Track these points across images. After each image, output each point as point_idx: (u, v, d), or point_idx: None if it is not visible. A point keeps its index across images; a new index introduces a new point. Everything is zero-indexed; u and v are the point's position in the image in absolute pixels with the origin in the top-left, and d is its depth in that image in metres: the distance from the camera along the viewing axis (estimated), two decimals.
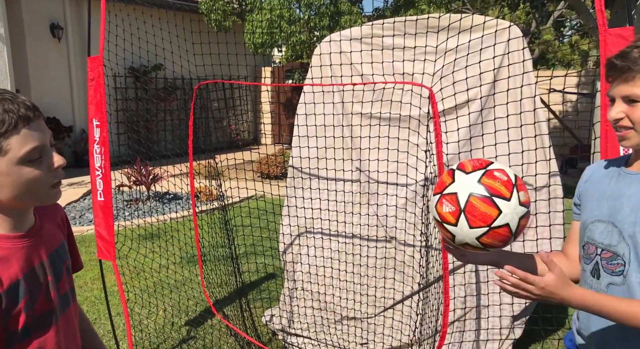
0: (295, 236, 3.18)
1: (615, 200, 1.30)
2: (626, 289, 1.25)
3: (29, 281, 1.05)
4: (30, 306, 1.05)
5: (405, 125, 2.77)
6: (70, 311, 1.19)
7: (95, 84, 2.67)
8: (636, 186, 1.27)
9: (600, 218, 1.32)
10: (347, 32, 3.03)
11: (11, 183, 1.01)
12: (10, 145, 0.99)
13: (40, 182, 1.04)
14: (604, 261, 1.31)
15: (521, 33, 2.75)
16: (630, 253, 1.24)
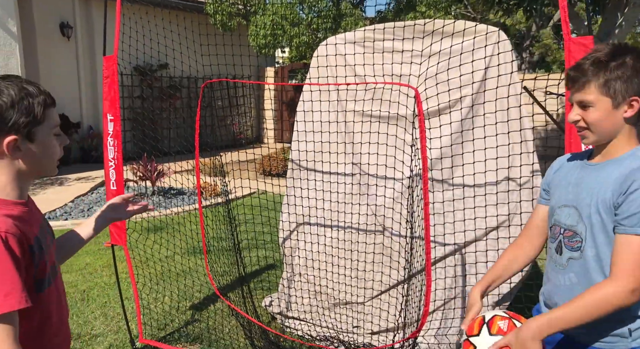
0: (294, 226, 3.38)
1: (577, 187, 1.50)
2: (583, 262, 1.46)
3: (42, 238, 1.26)
4: (44, 259, 1.24)
5: (396, 122, 2.97)
6: (60, 270, 1.40)
7: (109, 81, 2.89)
8: (594, 175, 1.46)
9: (566, 203, 1.52)
10: (345, 35, 3.23)
11: (44, 152, 1.23)
12: (49, 115, 1.23)
13: (56, 155, 1.28)
14: (565, 239, 1.51)
15: (510, 46, 2.92)
16: (586, 231, 1.45)
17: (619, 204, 1.36)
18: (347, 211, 3.22)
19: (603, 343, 1.44)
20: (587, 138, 1.45)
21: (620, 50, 1.40)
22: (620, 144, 1.43)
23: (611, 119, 1.40)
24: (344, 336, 3.11)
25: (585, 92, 1.40)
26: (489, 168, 2.80)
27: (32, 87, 1.22)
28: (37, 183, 7.70)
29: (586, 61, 1.40)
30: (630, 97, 1.38)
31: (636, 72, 1.37)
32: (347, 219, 3.22)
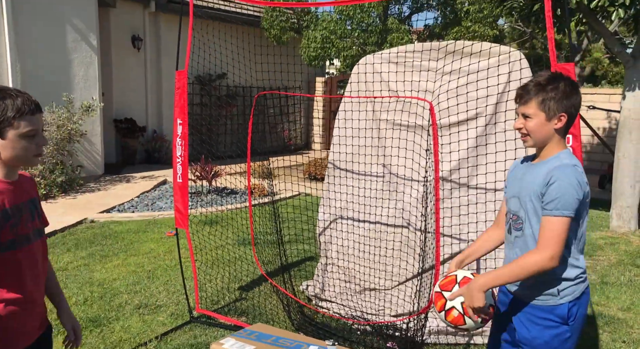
0: (330, 220, 3.86)
1: (520, 181, 1.94)
2: (524, 238, 1.90)
3: (14, 211, 1.59)
4: (15, 227, 1.58)
5: (420, 132, 3.39)
6: (43, 241, 1.74)
7: (180, 92, 3.48)
8: (531, 172, 1.90)
9: (513, 194, 1.96)
10: (380, 54, 3.69)
11: (12, 148, 1.56)
12: (20, 124, 1.54)
13: (28, 150, 1.59)
14: (513, 222, 1.96)
15: (527, 64, 3.28)
16: (525, 215, 1.88)
17: (543, 194, 1.78)
18: (377, 207, 3.66)
19: (539, 300, 1.88)
20: (527, 142, 1.88)
21: (557, 77, 1.84)
22: (551, 149, 1.86)
23: (545, 129, 1.83)
24: (370, 316, 3.54)
25: (528, 106, 1.83)
26: (506, 169, 3.15)
27: (10, 98, 1.53)
28: (107, 180, 8.57)
29: (531, 83, 1.84)
30: (559, 113, 1.80)
31: (566, 95, 1.80)
32: (377, 214, 3.66)
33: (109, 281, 4.27)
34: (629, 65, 6.09)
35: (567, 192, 1.73)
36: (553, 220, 1.75)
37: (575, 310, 1.86)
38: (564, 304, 1.84)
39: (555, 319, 1.85)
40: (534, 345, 1.89)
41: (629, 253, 5.44)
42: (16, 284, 1.59)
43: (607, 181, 8.55)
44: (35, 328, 1.70)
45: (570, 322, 1.85)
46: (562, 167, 1.77)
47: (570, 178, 1.74)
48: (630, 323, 3.72)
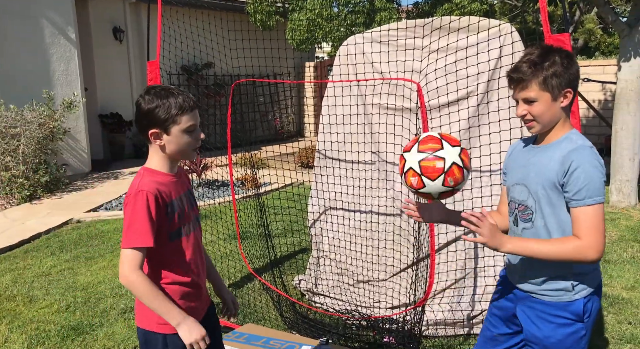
0: (321, 211, 3.69)
1: (525, 167, 1.75)
2: (534, 231, 1.72)
3: (179, 202, 1.75)
4: (181, 216, 1.74)
5: (409, 115, 3.21)
6: (199, 230, 1.89)
7: (153, 84, 3.28)
8: (538, 157, 1.72)
9: (517, 182, 1.77)
10: (368, 34, 3.48)
11: (176, 143, 1.70)
12: (182, 120, 1.68)
13: (189, 144, 1.73)
14: (519, 213, 1.77)
15: (518, 36, 3.09)
16: (535, 204, 1.70)
17: (565, 183, 1.60)
18: (368, 196, 3.49)
19: (551, 296, 1.72)
20: (534, 127, 1.70)
21: (549, 50, 1.65)
22: (558, 130, 1.69)
23: (552, 110, 1.65)
24: (365, 310, 3.39)
25: (528, 90, 1.64)
26: (502, 151, 2.98)
27: (173, 97, 1.67)
28: (95, 177, 8.37)
29: (523, 64, 1.64)
30: (564, 89, 1.63)
31: (565, 68, 1.62)
32: (369, 203, 3.49)
33: (93, 284, 4.11)
34: (624, 34, 5.89)
35: (594, 176, 1.57)
36: (587, 210, 1.58)
37: (591, 305, 1.71)
38: (579, 300, 1.69)
39: (570, 317, 1.70)
40: (546, 344, 1.73)
41: (630, 228, 5.30)
42: (186, 268, 1.77)
43: (605, 154, 8.41)
44: (202, 306, 1.89)
45: (585, 319, 1.70)
46: (579, 149, 1.61)
47: (592, 160, 1.58)
48: (636, 302, 3.59)
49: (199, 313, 1.85)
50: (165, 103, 1.65)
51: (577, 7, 11.23)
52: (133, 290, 1.61)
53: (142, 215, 1.60)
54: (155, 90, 1.69)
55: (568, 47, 2.05)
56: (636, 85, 5.93)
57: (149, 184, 1.65)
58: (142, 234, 1.60)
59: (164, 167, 1.74)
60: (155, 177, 1.70)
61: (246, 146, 3.98)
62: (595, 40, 12.44)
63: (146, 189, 1.62)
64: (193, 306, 1.81)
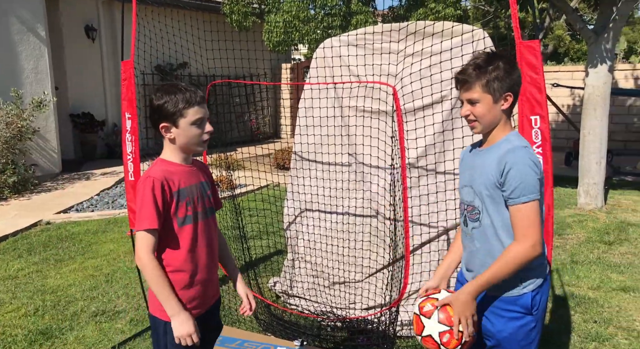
0: (297, 212, 3.69)
1: (471, 169, 1.85)
2: (482, 229, 1.82)
3: (188, 190, 1.84)
4: (190, 204, 1.84)
5: (384, 118, 3.24)
6: (214, 218, 1.98)
7: (127, 84, 3.23)
8: (482, 159, 1.81)
9: (465, 184, 1.87)
10: (344, 37, 3.50)
11: (185, 135, 1.81)
12: (189, 113, 1.79)
13: (198, 136, 1.83)
14: (468, 213, 1.86)
15: (491, 42, 3.16)
16: (481, 204, 1.80)
17: (502, 182, 1.70)
18: (345, 198, 3.51)
19: (501, 291, 1.79)
20: (476, 128, 1.80)
21: (494, 56, 1.75)
22: (498, 132, 1.79)
23: (493, 112, 1.75)
24: (340, 311, 3.41)
25: (472, 91, 1.74)
26: None
27: (180, 92, 1.78)
28: (65, 178, 8.18)
29: (469, 67, 1.74)
30: (505, 92, 1.73)
31: (508, 73, 1.72)
32: (345, 205, 3.51)
33: (63, 287, 4.02)
34: (591, 41, 6.07)
35: (528, 174, 1.67)
36: (523, 207, 1.68)
37: (539, 299, 1.80)
38: (527, 294, 1.78)
39: (519, 310, 1.78)
40: (499, 338, 1.82)
41: (597, 230, 5.47)
42: (195, 256, 1.84)
43: (573, 158, 8.64)
44: (210, 296, 1.95)
45: (534, 312, 1.79)
46: (514, 150, 1.70)
47: (526, 160, 1.68)
48: (601, 302, 3.71)
49: (201, 306, 1.89)
50: (173, 98, 1.77)
51: (547, 14, 11.53)
52: (143, 271, 1.74)
53: (148, 199, 1.72)
54: (164, 87, 1.82)
55: (538, 53, 2.11)
56: (603, 90, 6.12)
57: (156, 171, 1.78)
58: (148, 217, 1.72)
59: (177, 158, 1.86)
60: (166, 166, 1.83)
61: (222, 147, 3.96)
62: (564, 47, 12.78)
63: (153, 175, 1.76)
64: (194, 298, 1.85)
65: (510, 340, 1.80)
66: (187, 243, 1.82)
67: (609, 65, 6.05)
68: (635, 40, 17.41)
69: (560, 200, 6.79)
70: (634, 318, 3.46)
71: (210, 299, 1.97)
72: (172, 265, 1.81)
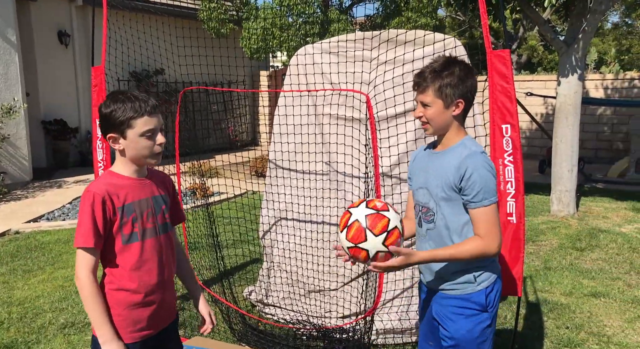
0: (273, 221, 3.66)
1: (426, 171, 1.88)
2: (437, 231, 1.86)
3: (136, 205, 1.73)
4: (137, 221, 1.73)
5: (358, 126, 3.25)
6: (169, 235, 1.86)
7: (98, 89, 3.17)
8: (437, 162, 1.85)
9: (420, 186, 1.90)
10: (319, 45, 3.50)
11: (133, 147, 1.70)
12: (137, 124, 1.68)
13: (148, 148, 1.71)
14: (423, 215, 1.90)
15: (463, 51, 3.19)
16: (436, 206, 1.84)
17: (463, 187, 1.74)
18: (320, 207, 3.49)
19: (456, 290, 1.85)
20: (428, 130, 1.84)
21: (451, 62, 1.77)
22: (452, 136, 1.83)
23: (443, 116, 1.78)
24: (316, 320, 3.38)
25: (425, 94, 1.78)
26: None
27: (129, 101, 1.67)
28: (36, 186, 7.98)
29: (427, 70, 1.78)
30: (456, 99, 1.76)
31: (461, 80, 1.75)
32: (321, 213, 3.49)
33: (31, 299, 3.90)
34: (562, 51, 6.22)
35: (488, 179, 1.72)
36: (485, 210, 1.73)
37: (493, 296, 1.85)
38: (481, 291, 1.83)
39: (475, 307, 1.83)
40: (457, 337, 1.85)
41: (569, 237, 5.57)
42: (141, 275, 1.72)
43: (547, 165, 8.81)
44: (163, 317, 1.83)
45: (489, 309, 1.84)
46: (473, 155, 1.75)
47: (485, 165, 1.74)
48: (573, 307, 3.76)
49: (152, 327, 1.78)
50: (121, 106, 1.66)
51: (520, 25, 11.79)
52: (79, 292, 1.64)
53: (86, 216, 1.62)
54: (113, 95, 1.71)
55: (508, 63, 2.14)
56: (574, 100, 6.27)
57: (99, 185, 1.68)
58: (84, 235, 1.62)
59: (126, 170, 1.75)
60: (112, 179, 1.73)
61: (197, 154, 3.91)
62: (537, 57, 13.07)
63: (93, 190, 1.65)
64: (141, 319, 1.74)
65: (467, 338, 1.83)
66: (132, 262, 1.71)
67: (580, 75, 6.20)
68: (605, 51, 17.94)
69: (534, 207, 6.91)
70: (604, 323, 3.52)
71: (164, 321, 1.85)
72: (115, 283, 1.71)
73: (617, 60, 17.39)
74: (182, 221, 1.97)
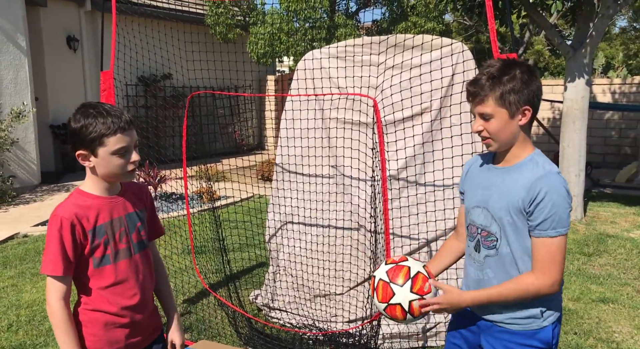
0: (279, 225, 3.66)
1: (486, 189, 1.65)
2: (498, 258, 1.64)
3: (107, 226, 1.63)
4: (109, 242, 1.63)
5: (366, 130, 3.25)
6: (146, 253, 1.76)
7: (107, 94, 3.20)
8: (500, 179, 1.62)
9: (477, 204, 1.67)
10: (326, 49, 3.52)
11: (105, 165, 1.60)
12: (109, 142, 1.57)
13: (120, 167, 1.61)
14: (482, 239, 1.66)
15: (470, 55, 3.20)
16: (500, 231, 1.61)
17: (531, 211, 1.53)
18: (327, 210, 3.49)
19: (519, 325, 1.63)
20: (491, 145, 1.61)
21: (510, 65, 1.54)
22: (519, 150, 1.60)
23: (509, 128, 1.55)
24: (322, 324, 3.38)
25: (485, 105, 1.55)
26: (455, 166, 3.06)
27: (101, 117, 1.56)
28: (44, 190, 8.04)
29: (482, 77, 1.55)
30: (522, 106, 1.54)
31: (525, 84, 1.52)
32: (327, 217, 3.49)
33: (39, 302, 3.92)
34: (569, 56, 6.20)
35: (561, 206, 1.49)
36: (550, 241, 1.51)
37: (557, 331, 1.65)
38: (548, 327, 1.62)
39: (539, 345, 1.62)
40: None
41: (577, 242, 5.53)
42: (113, 297, 1.63)
43: None
44: (142, 337, 1.74)
45: (553, 345, 1.64)
46: (547, 176, 1.52)
47: (560, 189, 1.51)
48: (581, 313, 3.74)
49: (130, 344, 1.71)
50: (92, 122, 1.55)
51: (527, 29, 11.77)
52: (50, 319, 1.57)
53: (54, 242, 1.53)
54: (84, 109, 1.59)
55: None
56: (581, 104, 6.24)
57: (67, 209, 1.57)
58: (52, 262, 1.53)
59: (97, 189, 1.64)
60: (81, 200, 1.62)
61: (204, 158, 3.93)
62: (544, 61, 13.04)
63: (61, 214, 1.55)
64: (118, 339, 1.67)
65: None
66: (106, 284, 1.62)
67: (587, 80, 6.18)
68: (613, 56, 17.86)
69: None
70: (613, 329, 3.49)
71: (144, 341, 1.76)
72: (89, 303, 1.63)
73: (625, 64, 17.32)
74: (160, 235, 1.88)
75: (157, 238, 1.90)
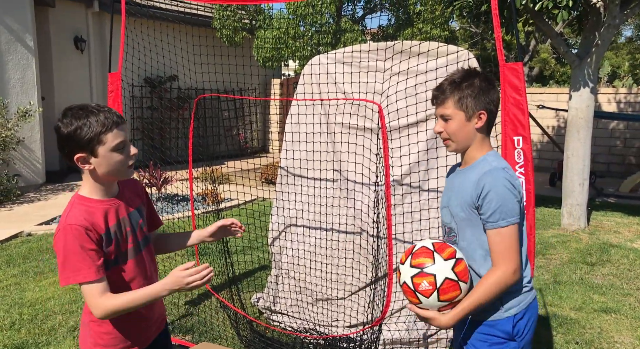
0: (282, 228, 3.68)
1: (449, 190, 1.80)
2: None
3: (116, 229, 1.64)
4: (119, 244, 1.64)
5: (370, 135, 3.27)
6: (149, 248, 1.79)
7: (114, 95, 3.23)
8: (459, 180, 1.76)
9: (444, 205, 1.82)
10: (332, 54, 3.54)
11: (106, 163, 1.58)
12: (107, 138, 1.55)
13: (122, 163, 1.60)
14: (446, 235, 1.79)
15: (476, 63, 3.21)
16: (457, 227, 1.74)
17: (480, 205, 1.64)
18: (330, 214, 3.50)
19: (483, 315, 1.72)
20: (450, 146, 1.75)
21: (471, 74, 1.70)
22: (475, 151, 1.72)
23: (465, 129, 1.69)
24: (323, 328, 3.38)
25: (444, 107, 1.70)
26: None
27: (93, 115, 1.54)
28: (49, 189, 8.08)
29: (445, 82, 1.71)
30: (478, 111, 1.67)
31: (482, 90, 1.67)
32: (330, 221, 3.50)
33: (42, 300, 3.94)
34: (574, 65, 6.21)
35: (506, 197, 1.60)
36: (501, 231, 1.61)
37: (523, 324, 1.71)
38: (508, 318, 1.70)
39: (500, 335, 1.70)
40: None
41: (580, 251, 5.52)
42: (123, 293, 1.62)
43: (557, 179, 8.75)
44: (150, 332, 1.78)
45: (517, 338, 1.70)
46: (492, 171, 1.64)
47: (503, 181, 1.62)
48: (583, 323, 3.73)
49: (138, 344, 1.73)
50: (86, 123, 1.52)
51: (532, 37, 11.77)
52: (115, 314, 1.56)
53: (76, 250, 1.50)
54: (72, 112, 1.55)
55: (521, 75, 2.15)
56: (586, 113, 6.24)
57: (76, 216, 1.54)
58: (83, 269, 1.51)
59: (98, 193, 1.62)
60: (87, 207, 1.59)
61: (208, 161, 3.94)
62: (549, 69, 13.04)
63: (74, 223, 1.52)
64: (131, 334, 1.70)
65: None
66: (118, 285, 1.63)
67: (592, 89, 6.18)
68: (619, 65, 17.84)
69: (544, 220, 6.86)
70: (615, 339, 3.48)
71: (152, 334, 1.81)
72: None
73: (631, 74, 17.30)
74: (158, 226, 1.90)
75: (156, 229, 1.92)
